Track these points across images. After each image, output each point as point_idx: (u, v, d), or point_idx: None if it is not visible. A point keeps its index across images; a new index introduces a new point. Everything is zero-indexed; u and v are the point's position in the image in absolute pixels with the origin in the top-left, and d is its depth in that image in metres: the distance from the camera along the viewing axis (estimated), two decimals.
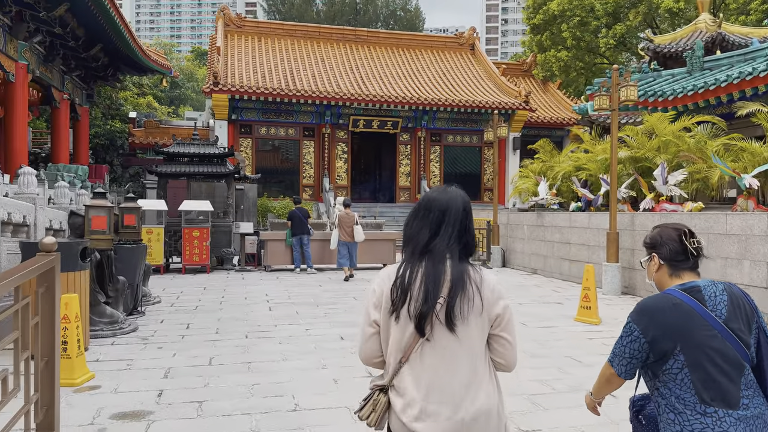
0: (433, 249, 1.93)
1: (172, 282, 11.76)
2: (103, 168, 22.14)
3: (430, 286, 1.87)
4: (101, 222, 6.69)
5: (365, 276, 12.95)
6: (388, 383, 1.96)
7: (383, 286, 1.97)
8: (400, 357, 1.91)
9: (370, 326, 1.98)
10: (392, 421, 1.94)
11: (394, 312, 1.90)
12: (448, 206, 1.99)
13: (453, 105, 24.14)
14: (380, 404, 1.95)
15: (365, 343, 2.00)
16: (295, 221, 13.33)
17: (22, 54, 15.85)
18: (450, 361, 1.88)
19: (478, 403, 1.87)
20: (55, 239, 3.08)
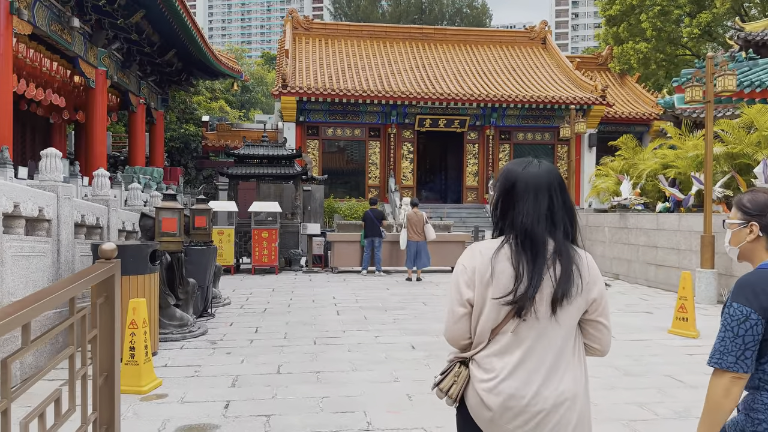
0: (532, 228, 1.84)
1: (242, 283, 11.78)
2: (178, 170, 22.83)
3: (533, 266, 1.80)
4: (171, 224, 6.63)
5: (433, 279, 12.53)
6: (470, 356, 1.90)
7: (474, 261, 1.88)
8: (490, 333, 1.85)
9: (462, 306, 1.89)
10: (470, 395, 1.87)
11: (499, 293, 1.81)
12: (541, 181, 1.88)
13: (524, 101, 23.29)
14: (462, 377, 1.89)
15: (455, 324, 1.92)
16: (367, 223, 13.09)
17: (101, 60, 16.48)
18: (544, 343, 1.82)
19: (564, 386, 1.81)
20: (115, 245, 2.86)
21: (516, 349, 1.82)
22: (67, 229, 5.89)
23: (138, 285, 5.74)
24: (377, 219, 12.93)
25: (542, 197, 1.86)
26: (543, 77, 26.32)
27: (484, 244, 1.92)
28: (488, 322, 1.84)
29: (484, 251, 1.88)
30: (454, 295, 1.91)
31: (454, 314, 1.91)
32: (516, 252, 1.83)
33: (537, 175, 1.89)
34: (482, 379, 1.83)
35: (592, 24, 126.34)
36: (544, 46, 29.19)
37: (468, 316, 1.89)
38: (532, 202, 1.86)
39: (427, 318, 8.02)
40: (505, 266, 1.82)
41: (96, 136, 16.49)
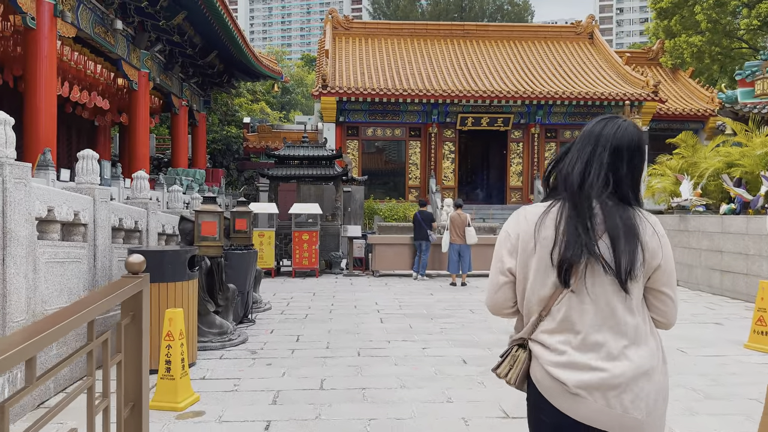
0: (586, 188, 1.72)
1: (283, 286, 11.53)
2: (219, 172, 22.92)
3: (579, 231, 1.68)
4: (211, 228, 6.37)
5: (479, 284, 12.03)
6: (527, 336, 1.80)
7: (518, 228, 1.81)
8: (542, 306, 1.76)
9: (503, 275, 1.84)
10: (536, 371, 1.77)
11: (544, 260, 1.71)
12: (604, 139, 1.76)
13: (571, 98, 22.45)
14: (519, 361, 1.81)
15: (496, 293, 1.87)
16: (415, 226, 12.71)
17: (144, 62, 16.56)
18: (606, 313, 1.70)
19: (639, 359, 1.69)
20: (143, 257, 2.53)
21: (578, 323, 1.70)
22: (104, 233, 5.68)
23: (176, 293, 5.48)
24: (426, 221, 12.49)
25: (601, 156, 1.73)
26: (590, 73, 25.37)
27: (531, 208, 1.82)
28: (536, 293, 1.75)
29: (530, 216, 1.79)
30: (496, 263, 1.85)
31: (494, 283, 1.85)
32: (560, 215, 1.72)
33: (610, 132, 1.77)
34: (548, 356, 1.73)
35: (638, 19, 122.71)
36: (591, 41, 28.18)
37: (510, 285, 1.83)
38: (586, 157, 1.75)
39: (476, 327, 7.55)
40: (550, 233, 1.72)
41: (139, 138, 16.59)
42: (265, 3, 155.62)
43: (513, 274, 1.80)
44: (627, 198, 1.75)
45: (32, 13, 10.89)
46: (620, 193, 1.74)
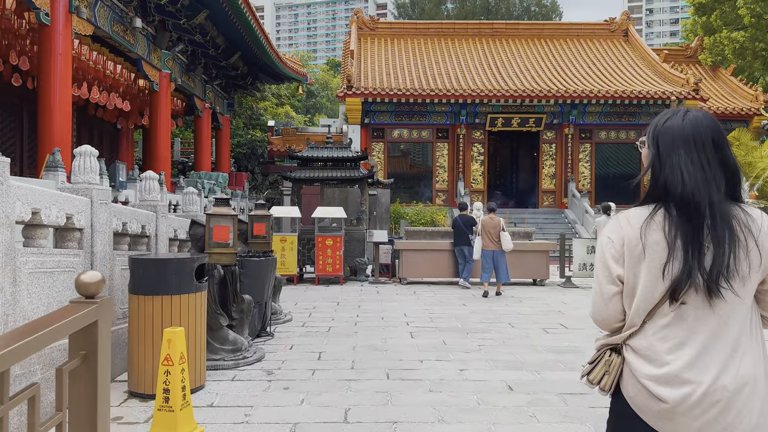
0: (687, 189, 1.63)
1: (305, 294, 10.89)
2: (243, 176, 22.49)
3: (691, 235, 1.61)
4: (224, 233, 5.73)
5: (515, 293, 11.20)
6: (622, 342, 1.73)
7: (622, 232, 1.71)
8: (646, 314, 1.67)
9: (613, 284, 1.72)
10: (629, 386, 1.69)
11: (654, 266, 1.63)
12: (690, 135, 1.67)
13: (607, 96, 21.45)
14: (615, 366, 1.72)
15: (607, 305, 1.74)
16: (455, 230, 12.02)
17: (165, 63, 16.16)
18: (712, 323, 1.61)
19: (743, 370, 1.59)
20: (100, 275, 1.85)
21: (681, 332, 1.64)
22: (103, 239, 5.08)
23: (181, 307, 4.84)
24: (466, 225, 11.74)
25: (694, 151, 1.67)
26: (626, 71, 24.31)
27: (632, 212, 1.74)
28: (643, 302, 1.67)
29: (633, 220, 1.71)
30: (602, 272, 1.75)
31: (603, 294, 1.75)
32: (669, 221, 1.65)
33: (681, 127, 1.70)
34: (646, 368, 1.66)
35: (668, 20, 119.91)
36: (625, 39, 27.09)
37: (620, 295, 1.73)
38: (682, 158, 1.67)
39: (519, 344, 6.76)
40: (659, 237, 1.65)
41: (160, 141, 16.18)
42: (291, 9, 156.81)
43: (622, 282, 1.72)
44: (733, 194, 1.67)
45: (46, 8, 10.48)
46: (725, 190, 1.66)
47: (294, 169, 14.23)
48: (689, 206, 1.62)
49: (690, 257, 1.59)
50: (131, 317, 4.88)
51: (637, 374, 1.66)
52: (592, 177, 23.12)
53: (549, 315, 8.85)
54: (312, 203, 20.48)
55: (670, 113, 1.75)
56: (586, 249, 12.63)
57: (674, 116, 1.73)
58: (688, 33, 31.65)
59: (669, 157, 1.68)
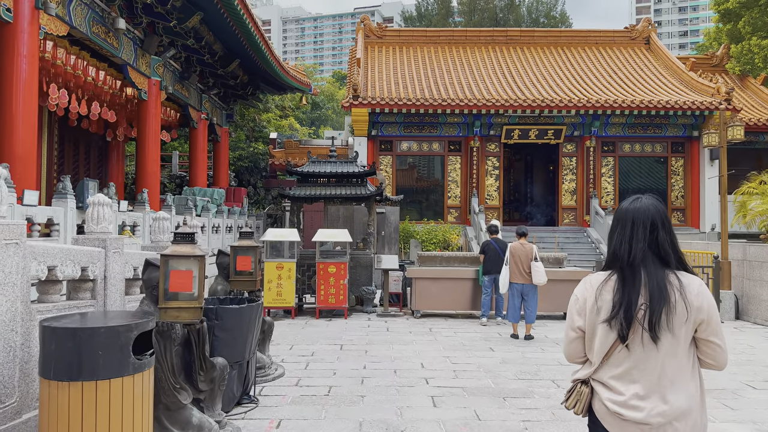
0: (630, 259, 2.19)
1: (303, 333, 9.36)
2: (242, 191, 21.03)
3: (629, 296, 2.14)
4: (184, 280, 4.24)
5: (548, 333, 9.63)
6: (590, 376, 2.26)
7: (585, 293, 2.27)
8: (603, 355, 2.20)
9: (574, 331, 2.31)
10: (598, 408, 2.23)
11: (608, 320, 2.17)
12: (636, 216, 2.24)
13: (632, 107, 19.93)
14: (584, 395, 2.26)
15: (569, 346, 2.35)
16: (489, 255, 10.31)
17: (154, 70, 14.80)
18: (653, 363, 2.12)
19: (678, 403, 2.10)
20: None
21: (630, 370, 2.16)
22: (8, 291, 3.59)
23: (113, 397, 3.33)
24: (503, 250, 10.08)
25: (638, 229, 2.21)
26: (650, 80, 22.81)
27: (596, 275, 2.28)
28: (600, 347, 2.20)
29: (594, 282, 2.27)
30: (568, 321, 2.35)
31: (568, 337, 2.34)
32: (617, 284, 2.19)
33: (633, 210, 2.27)
34: (607, 394, 2.20)
35: (677, 32, 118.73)
36: (647, 47, 25.63)
37: (579, 340, 2.30)
38: (628, 234, 2.23)
39: (575, 420, 5.20)
40: (609, 297, 2.20)
41: (148, 153, 14.77)
42: (298, 23, 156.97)
43: (582, 330, 2.28)
44: (668, 262, 2.20)
45: (8, 2, 9.11)
46: (662, 259, 2.20)
47: (294, 184, 12.76)
48: (631, 271, 2.19)
49: (629, 313, 2.13)
50: (42, 412, 3.39)
51: (603, 398, 2.22)
52: (616, 193, 21.54)
53: None
54: (315, 222, 19.01)
55: (630, 200, 2.33)
56: None
57: (631, 202, 2.32)
58: (711, 41, 30.17)
59: (619, 230, 2.28)
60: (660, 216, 2.24)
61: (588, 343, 2.25)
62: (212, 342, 5.28)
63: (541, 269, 9.06)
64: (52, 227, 8.31)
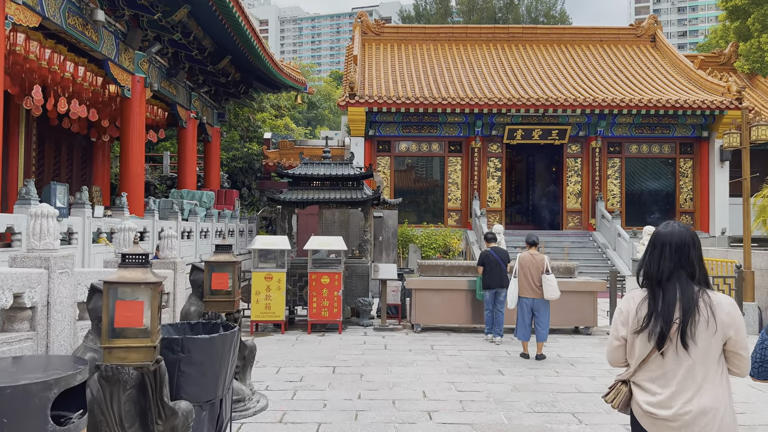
0: (660, 277, 2.53)
1: (293, 351, 8.54)
2: (233, 193, 20.19)
3: (665, 311, 2.48)
4: (134, 314, 3.43)
5: (561, 351, 8.82)
6: (629, 378, 2.62)
7: (628, 307, 2.62)
8: (641, 361, 2.55)
9: (617, 340, 2.66)
10: (634, 406, 2.60)
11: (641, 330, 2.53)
12: (668, 239, 2.57)
13: (640, 106, 19.18)
14: (622, 393, 2.62)
15: (612, 352, 2.70)
16: (489, 267, 9.31)
17: (138, 66, 13.98)
18: (684, 368, 2.46)
19: (704, 402, 2.42)
20: None
21: (663, 373, 2.50)
22: None
23: None
24: (504, 260, 9.28)
25: (667, 250, 2.55)
26: (657, 79, 22.05)
27: (636, 292, 2.63)
28: (640, 352, 2.55)
29: (636, 298, 2.61)
30: (612, 331, 2.69)
31: (612, 345, 2.68)
32: (650, 298, 2.54)
33: (668, 232, 2.59)
34: (643, 396, 2.55)
35: (676, 33, 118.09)
36: (653, 44, 24.88)
37: (622, 348, 2.65)
38: (657, 255, 2.57)
39: None
40: (646, 310, 2.54)
41: (132, 154, 13.95)
42: (296, 23, 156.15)
43: (625, 339, 2.62)
44: (695, 277, 2.53)
45: None
46: (691, 276, 2.53)
47: (285, 187, 11.95)
48: (665, 288, 2.52)
49: (666, 326, 2.46)
50: None
51: (638, 400, 2.57)
52: (622, 195, 20.78)
53: None
54: (310, 226, 18.19)
55: (663, 225, 2.66)
56: None
57: (664, 227, 2.63)
58: (717, 39, 29.44)
59: (652, 253, 2.60)
60: (690, 237, 2.55)
61: (629, 350, 2.60)
62: (177, 379, 4.46)
63: (554, 283, 8.26)
64: (14, 236, 7.49)
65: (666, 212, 20.83)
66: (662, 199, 20.89)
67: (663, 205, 20.88)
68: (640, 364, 2.53)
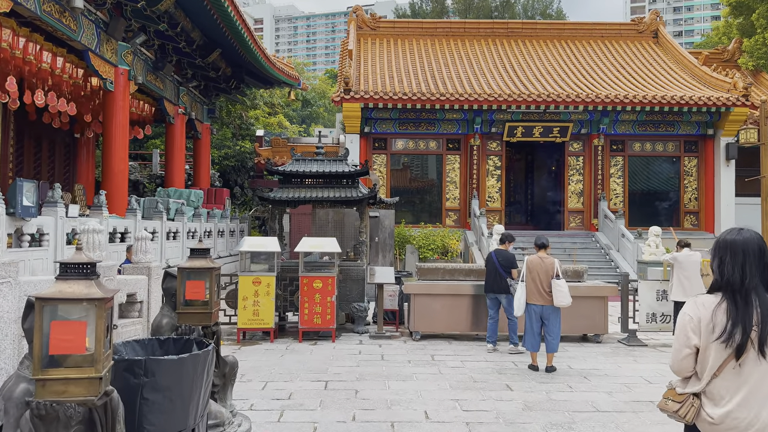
0: (744, 285, 2.45)
1: (282, 362, 7.88)
2: (224, 192, 19.48)
3: (744, 318, 2.40)
4: (72, 338, 2.77)
5: (571, 361, 8.19)
6: (700, 390, 2.50)
7: (699, 313, 2.50)
8: (714, 371, 2.44)
9: (688, 348, 2.52)
10: (701, 421, 2.48)
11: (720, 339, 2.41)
12: (746, 247, 2.49)
13: (644, 102, 18.60)
14: (694, 407, 2.49)
15: (681, 361, 2.56)
16: (487, 270, 8.85)
17: (122, 57, 13.27)
18: (757, 377, 2.40)
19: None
20: None
21: (736, 383, 2.41)
22: None
23: None
24: (504, 265, 8.64)
25: (751, 258, 2.47)
26: (660, 75, 21.47)
27: (705, 298, 2.54)
28: (714, 361, 2.44)
29: (707, 304, 2.51)
30: (682, 339, 2.54)
31: (680, 353, 2.55)
32: (730, 307, 2.44)
33: (744, 240, 2.51)
34: (711, 408, 2.45)
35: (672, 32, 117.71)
36: (655, 41, 24.31)
37: (692, 356, 2.52)
38: (740, 262, 2.48)
39: None
40: (724, 318, 2.43)
41: (114, 150, 13.24)
42: (291, 22, 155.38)
43: (697, 348, 2.50)
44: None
45: None
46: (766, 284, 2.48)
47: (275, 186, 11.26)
48: (744, 295, 2.44)
49: (745, 334, 2.38)
50: None
51: (707, 411, 2.46)
52: (625, 195, 20.19)
53: (641, 411, 5.85)
54: (303, 226, 17.51)
55: (734, 231, 2.57)
56: (656, 294, 9.65)
57: (738, 233, 2.55)
58: (720, 36, 28.91)
59: (732, 260, 2.50)
60: (763, 245, 2.52)
61: (701, 359, 2.50)
62: (140, 408, 3.80)
63: (565, 288, 7.62)
64: None
65: (670, 212, 20.25)
66: (666, 199, 20.31)
67: (667, 204, 20.30)
68: (714, 374, 2.45)
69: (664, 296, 9.61)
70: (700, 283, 9.01)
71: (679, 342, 2.54)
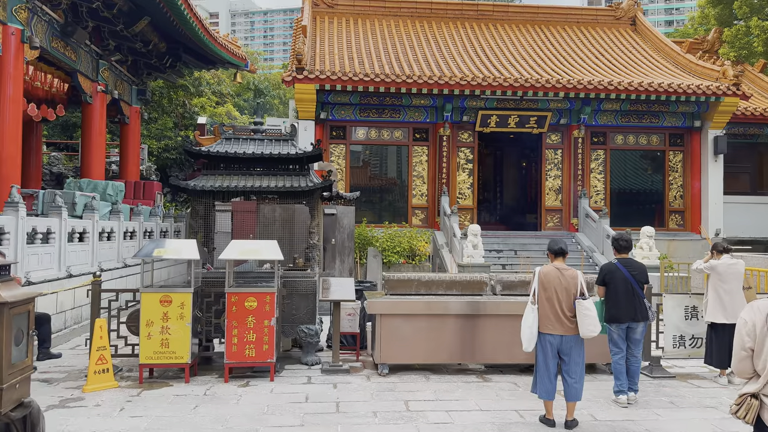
0: None
1: (191, 421, 5.47)
2: (154, 185, 16.70)
3: None
4: None
5: (594, 408, 6.06)
6: (759, 391, 2.68)
7: (754, 317, 2.73)
8: None
9: (745, 351, 2.76)
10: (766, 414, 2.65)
11: None
12: None
13: (630, 90, 16.86)
14: (754, 407, 2.67)
15: (740, 363, 2.82)
16: (613, 288, 6.34)
17: (13, 13, 10.51)
18: None
19: None
20: None
21: None
22: None
23: None
24: (640, 281, 6.38)
25: None
26: (641, 63, 19.85)
27: (762, 302, 2.73)
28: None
29: (762, 308, 2.72)
30: (738, 341, 2.78)
31: (738, 356, 2.78)
32: None
33: None
34: None
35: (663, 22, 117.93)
36: (633, 28, 22.74)
37: (749, 358, 2.74)
38: None
39: None
40: None
41: (5, 133, 10.48)
42: (248, 17, 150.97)
43: (752, 350, 2.72)
44: None
45: None
46: None
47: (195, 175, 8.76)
48: None
49: None
50: None
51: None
52: (607, 192, 18.44)
53: None
54: (246, 224, 15.00)
55: None
56: (684, 312, 7.65)
57: None
58: (696, 26, 27.76)
59: None
60: None
61: (756, 360, 2.69)
62: None
63: (593, 312, 5.49)
64: None
65: (653, 211, 18.62)
66: (649, 196, 18.68)
67: (650, 203, 18.68)
68: None
69: (694, 314, 7.64)
70: (743, 299, 7.07)
71: (737, 345, 2.80)
